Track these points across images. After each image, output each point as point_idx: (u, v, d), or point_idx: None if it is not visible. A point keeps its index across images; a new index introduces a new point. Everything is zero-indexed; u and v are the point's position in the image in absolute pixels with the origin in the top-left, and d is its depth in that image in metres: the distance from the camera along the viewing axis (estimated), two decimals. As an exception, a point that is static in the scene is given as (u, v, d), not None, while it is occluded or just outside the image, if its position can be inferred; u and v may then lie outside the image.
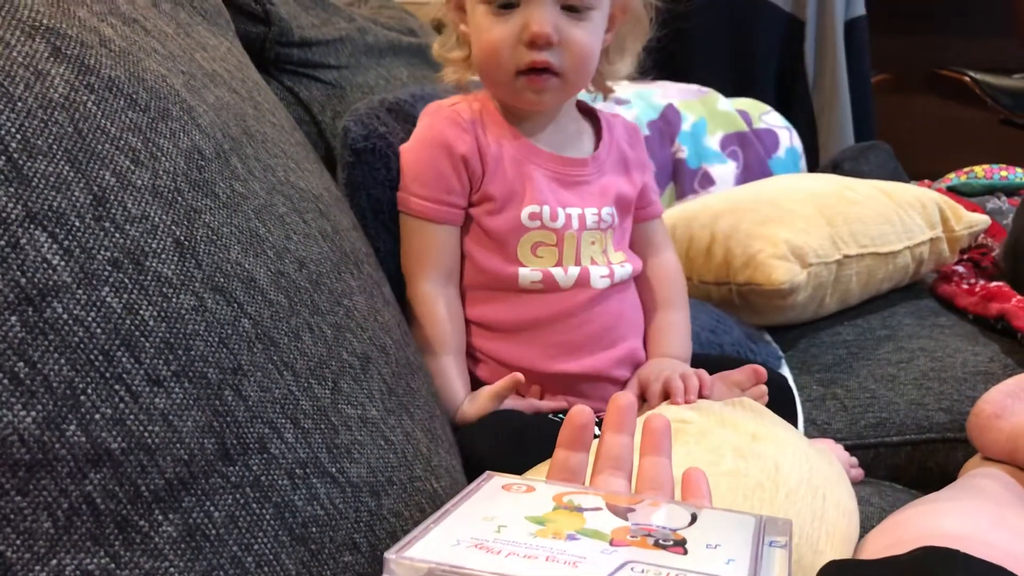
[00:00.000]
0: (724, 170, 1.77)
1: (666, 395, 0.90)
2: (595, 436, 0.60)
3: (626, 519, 0.49)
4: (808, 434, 1.20)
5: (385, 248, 0.94)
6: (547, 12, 0.86)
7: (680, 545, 0.46)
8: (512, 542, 0.44)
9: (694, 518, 0.50)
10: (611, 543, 0.45)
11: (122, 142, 0.51)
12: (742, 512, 0.53)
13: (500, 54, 0.88)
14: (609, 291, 0.95)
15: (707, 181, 1.76)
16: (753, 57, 2.39)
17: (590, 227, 0.94)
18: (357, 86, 1.22)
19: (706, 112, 1.83)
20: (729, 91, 1.98)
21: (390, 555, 0.43)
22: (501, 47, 0.87)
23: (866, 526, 0.84)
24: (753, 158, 1.79)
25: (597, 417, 0.60)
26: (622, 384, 0.97)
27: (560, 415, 0.90)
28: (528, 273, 0.91)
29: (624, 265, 0.97)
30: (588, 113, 1.02)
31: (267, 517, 0.50)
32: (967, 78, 2.53)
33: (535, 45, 0.86)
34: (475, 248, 0.93)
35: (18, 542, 0.41)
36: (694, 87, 1.89)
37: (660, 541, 0.46)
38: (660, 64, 1.05)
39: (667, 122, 1.78)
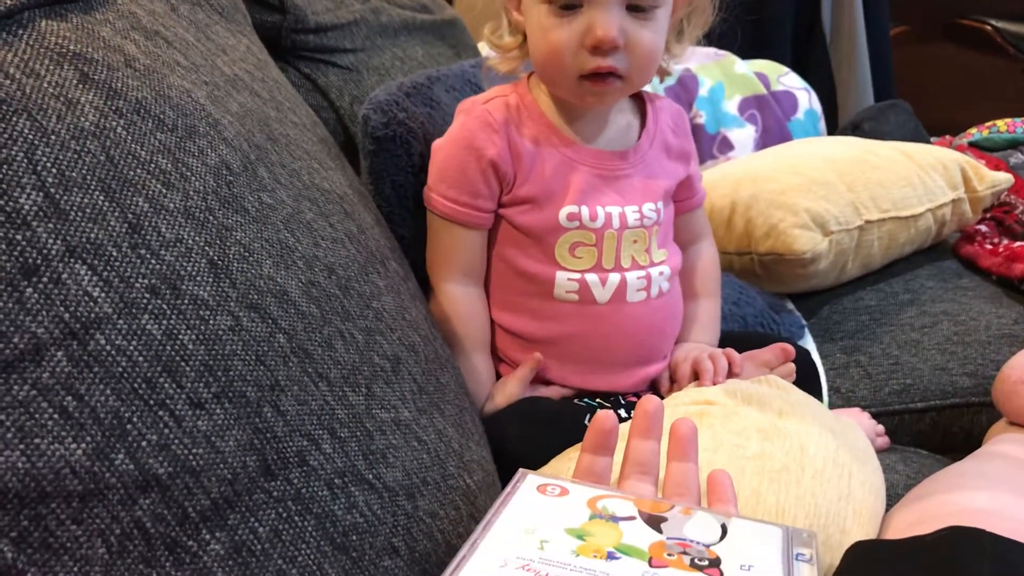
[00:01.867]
0: (743, 134, 1.76)
1: (695, 376, 0.91)
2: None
3: (660, 530, 0.50)
4: (832, 403, 1.21)
5: (410, 235, 0.95)
6: (612, 15, 0.81)
7: (715, 566, 0.48)
8: (556, 563, 0.45)
9: (724, 530, 0.52)
10: (650, 563, 0.47)
11: (153, 165, 0.52)
12: (767, 523, 0.54)
13: (562, 57, 0.83)
14: (647, 303, 0.93)
15: (726, 146, 1.76)
16: (769, 14, 2.36)
17: (631, 225, 0.90)
18: (373, 68, 1.22)
19: (723, 76, 1.81)
20: (745, 50, 1.95)
21: None
22: (563, 50, 0.83)
23: (891, 494, 0.85)
24: (772, 121, 1.78)
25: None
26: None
27: (586, 399, 0.91)
28: (565, 281, 0.89)
29: (663, 270, 0.94)
30: (635, 96, 0.98)
31: (309, 529, 0.51)
32: (988, 27, 2.49)
33: (599, 50, 0.82)
34: (511, 250, 0.91)
35: (75, 569, 0.42)
36: (711, 50, 1.87)
37: (696, 561, 0.48)
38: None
39: (684, 87, 1.77)
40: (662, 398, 0.91)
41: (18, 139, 0.46)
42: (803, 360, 1.01)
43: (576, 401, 0.91)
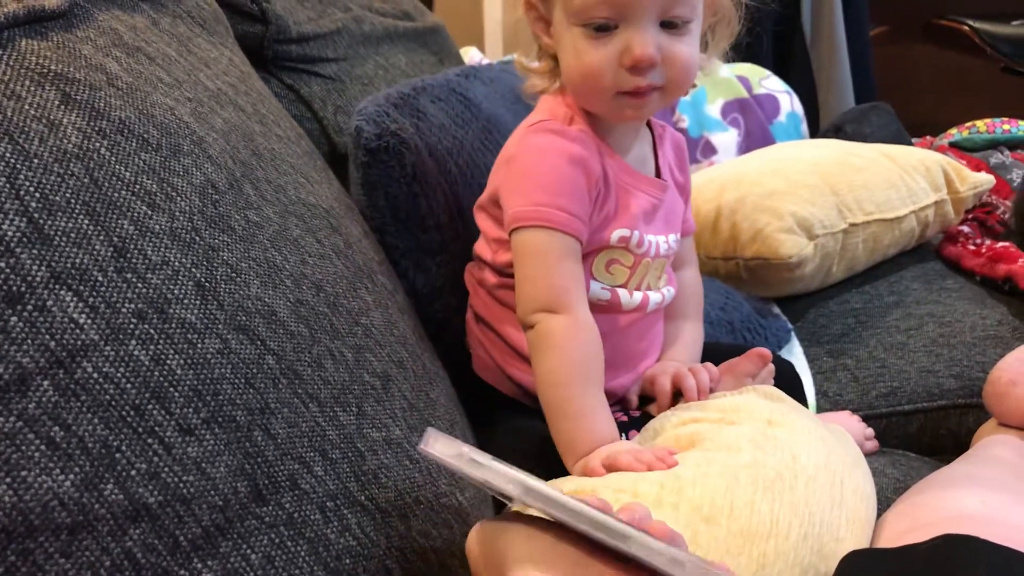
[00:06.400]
0: (726, 138, 1.76)
1: (676, 391, 0.90)
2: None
3: None
4: (820, 407, 1.21)
5: (404, 245, 0.94)
6: (648, 33, 0.80)
7: None
8: None
9: None
10: None
11: (138, 187, 0.52)
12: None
13: (601, 78, 0.83)
14: (656, 311, 0.94)
15: (709, 150, 1.76)
16: (749, 15, 2.36)
17: (662, 255, 0.92)
18: (356, 78, 1.22)
19: (706, 80, 1.81)
20: (727, 52, 1.96)
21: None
22: (601, 71, 0.82)
23: (881, 497, 0.85)
24: (755, 124, 1.78)
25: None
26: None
27: None
28: (598, 291, 0.88)
29: (670, 291, 0.96)
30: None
31: (302, 554, 0.51)
32: (966, 27, 2.50)
33: (638, 69, 0.81)
34: None
35: (65, 603, 0.41)
36: (692, 54, 1.88)
37: None
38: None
39: (666, 92, 1.77)
40: (631, 416, 0.90)
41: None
42: (784, 370, 1.01)
43: None
